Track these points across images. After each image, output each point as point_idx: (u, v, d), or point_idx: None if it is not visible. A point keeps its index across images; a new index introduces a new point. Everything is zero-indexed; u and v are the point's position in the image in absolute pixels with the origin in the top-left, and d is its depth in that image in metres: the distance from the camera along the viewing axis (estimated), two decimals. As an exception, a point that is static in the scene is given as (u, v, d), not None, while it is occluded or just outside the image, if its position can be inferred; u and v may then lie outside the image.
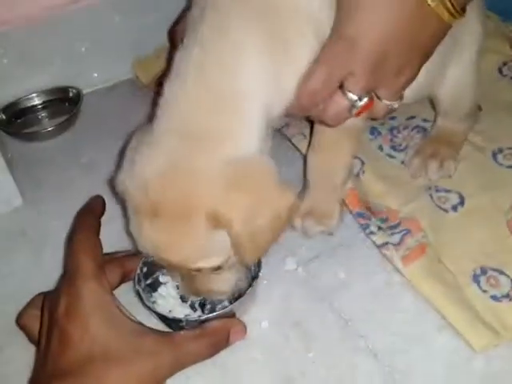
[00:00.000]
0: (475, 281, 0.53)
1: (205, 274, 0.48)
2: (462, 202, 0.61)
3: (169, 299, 0.52)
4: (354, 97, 0.46)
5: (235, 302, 0.49)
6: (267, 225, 0.45)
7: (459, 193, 0.61)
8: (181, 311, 0.52)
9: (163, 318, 0.49)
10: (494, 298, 0.51)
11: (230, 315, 0.49)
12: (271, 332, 0.51)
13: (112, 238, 0.55)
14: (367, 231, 0.58)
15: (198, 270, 0.47)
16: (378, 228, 0.57)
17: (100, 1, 0.84)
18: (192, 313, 0.52)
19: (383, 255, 0.56)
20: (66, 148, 0.78)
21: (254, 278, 0.50)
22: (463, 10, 0.45)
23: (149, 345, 0.44)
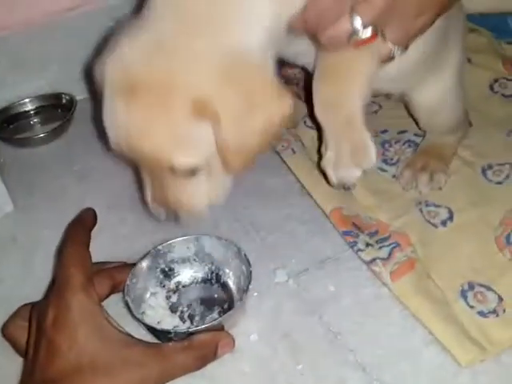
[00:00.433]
0: (463, 296, 0.53)
1: (178, 180, 0.45)
2: (451, 217, 0.61)
3: (158, 310, 0.52)
4: (358, 24, 0.42)
5: (224, 315, 0.49)
6: (257, 128, 0.42)
7: (448, 208, 0.62)
8: (170, 322, 0.52)
9: (152, 330, 0.49)
10: (481, 313, 0.51)
11: (219, 328, 0.49)
12: (260, 344, 0.51)
13: (103, 247, 0.55)
14: (355, 248, 0.58)
15: (171, 170, 0.44)
16: (366, 244, 0.58)
17: (97, 8, 0.85)
18: (181, 324, 0.52)
19: (372, 271, 0.56)
20: (59, 155, 0.78)
21: (244, 291, 0.50)
22: None
23: (136, 356, 0.44)
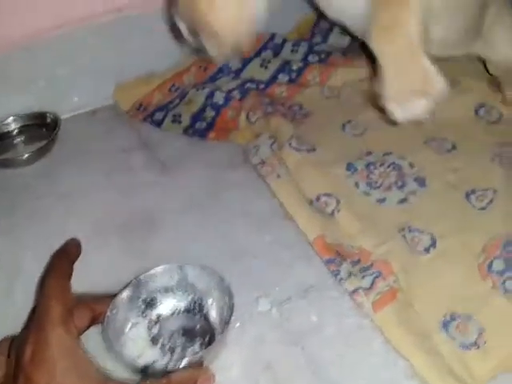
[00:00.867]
0: (444, 327, 0.53)
1: None
2: (433, 244, 0.61)
3: (138, 341, 0.52)
4: None
5: (204, 350, 0.48)
6: None
7: (431, 234, 0.62)
8: (151, 355, 0.51)
9: (130, 365, 0.48)
10: (463, 345, 0.51)
11: (199, 362, 0.48)
12: (241, 379, 0.51)
13: (85, 274, 0.55)
14: (338, 277, 0.58)
15: None
16: (349, 274, 0.58)
17: (83, 26, 0.84)
18: (161, 358, 0.51)
19: (354, 301, 0.56)
20: (43, 175, 0.77)
21: (226, 323, 0.50)
22: None
23: None
